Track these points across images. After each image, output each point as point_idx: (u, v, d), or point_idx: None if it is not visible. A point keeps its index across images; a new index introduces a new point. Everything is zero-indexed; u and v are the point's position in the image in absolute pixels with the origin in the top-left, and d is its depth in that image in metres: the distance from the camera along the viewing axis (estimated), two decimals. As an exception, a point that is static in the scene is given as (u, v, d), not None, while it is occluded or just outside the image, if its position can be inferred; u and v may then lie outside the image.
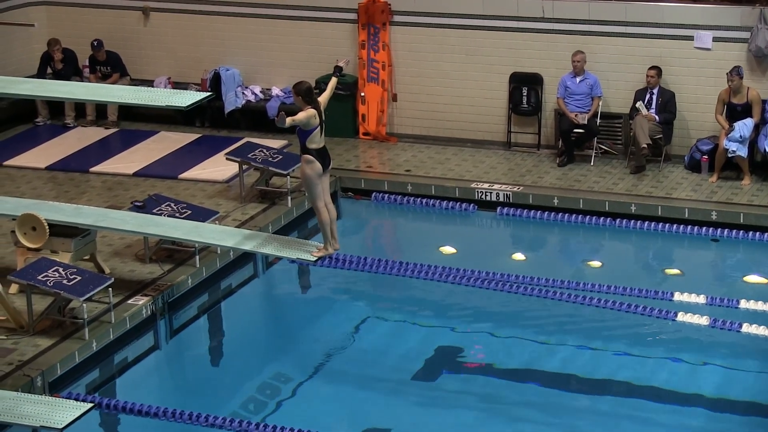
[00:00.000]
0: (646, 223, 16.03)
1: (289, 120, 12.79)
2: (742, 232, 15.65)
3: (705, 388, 12.70)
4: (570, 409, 12.43)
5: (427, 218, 16.99)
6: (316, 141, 13.05)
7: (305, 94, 13.01)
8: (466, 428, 12.20)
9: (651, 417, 12.23)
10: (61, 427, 11.07)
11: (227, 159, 16.90)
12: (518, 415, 12.44)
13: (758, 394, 12.62)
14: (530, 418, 12.37)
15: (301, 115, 12.92)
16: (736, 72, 16.66)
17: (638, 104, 17.25)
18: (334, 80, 13.63)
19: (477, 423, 12.26)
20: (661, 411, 12.31)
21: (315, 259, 13.42)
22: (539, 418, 12.35)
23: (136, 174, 17.69)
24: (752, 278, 14.96)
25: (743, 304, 13.93)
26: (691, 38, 17.33)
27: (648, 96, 17.31)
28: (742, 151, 16.64)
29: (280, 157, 16.57)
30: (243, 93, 19.43)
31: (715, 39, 17.21)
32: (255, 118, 19.33)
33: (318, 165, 13.07)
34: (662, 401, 12.45)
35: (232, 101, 19.32)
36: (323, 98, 13.31)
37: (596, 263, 15.54)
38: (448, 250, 15.97)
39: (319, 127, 13.01)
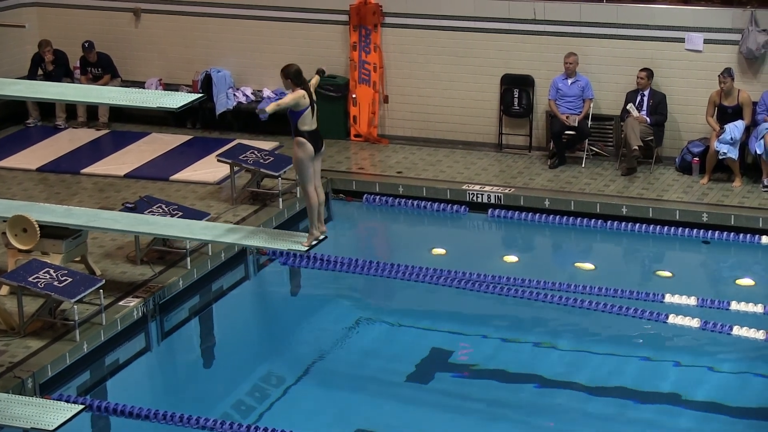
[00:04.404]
0: (638, 224, 16.05)
1: (272, 105, 12.72)
2: (732, 234, 15.68)
3: (695, 389, 12.71)
4: (560, 410, 12.43)
5: (418, 220, 16.99)
6: (308, 123, 12.93)
7: (294, 76, 12.93)
8: (457, 430, 12.20)
9: (641, 418, 12.24)
10: (52, 428, 11.06)
11: (218, 161, 16.90)
12: (509, 416, 12.44)
13: (748, 396, 12.63)
14: (521, 419, 12.37)
15: (287, 98, 12.83)
16: (727, 73, 16.69)
17: (629, 106, 17.28)
18: (317, 77, 13.56)
19: (468, 424, 12.26)
20: (652, 412, 12.32)
21: (306, 248, 13.37)
22: (530, 420, 12.35)
23: (127, 175, 17.68)
24: (743, 281, 14.98)
25: (734, 305, 13.97)
26: (682, 40, 17.35)
27: (639, 98, 17.33)
28: (733, 153, 16.67)
29: (272, 158, 16.57)
30: (234, 94, 19.42)
31: (706, 41, 17.24)
32: (246, 119, 19.32)
33: (310, 147, 12.96)
34: (653, 403, 12.46)
35: (223, 103, 19.32)
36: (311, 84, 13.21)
37: (587, 265, 15.56)
38: (439, 251, 15.98)
39: (310, 108, 12.89)
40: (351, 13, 18.84)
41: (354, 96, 18.94)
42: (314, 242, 13.44)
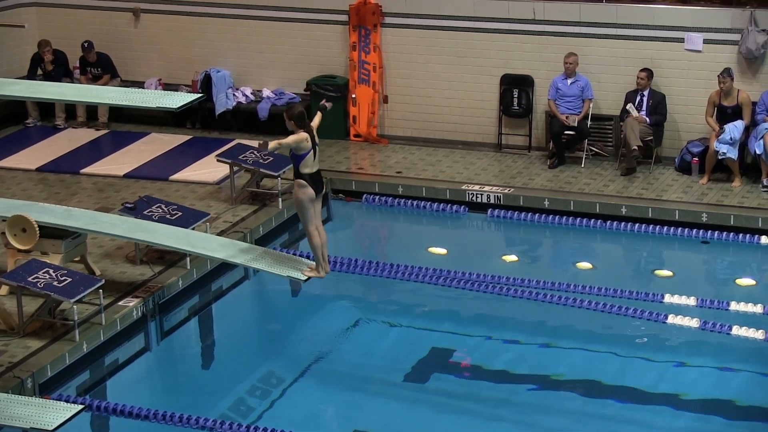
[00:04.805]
0: (637, 225, 16.06)
1: (274, 143, 12.70)
2: (732, 234, 15.68)
3: (694, 389, 12.71)
4: (559, 410, 12.43)
5: (417, 220, 16.99)
6: (310, 165, 12.92)
7: (297, 118, 12.89)
8: (455, 430, 12.20)
9: (641, 418, 12.24)
10: (51, 428, 11.06)
11: (218, 161, 16.90)
12: (508, 416, 12.44)
13: (748, 396, 12.62)
14: (520, 419, 12.37)
15: (289, 139, 12.79)
16: (727, 74, 16.69)
17: (629, 106, 17.28)
18: (319, 114, 13.46)
19: (467, 425, 12.27)
20: (651, 413, 12.32)
21: (305, 278, 13.39)
22: (529, 419, 12.35)
23: (126, 175, 17.68)
24: (743, 281, 14.98)
25: (733, 306, 13.96)
26: (681, 40, 17.35)
27: (639, 98, 17.33)
28: (733, 153, 16.67)
29: (271, 158, 16.55)
30: (234, 94, 19.42)
31: (706, 41, 17.24)
32: (246, 119, 19.32)
33: (311, 190, 12.96)
34: (652, 403, 12.46)
35: (222, 103, 19.31)
36: (313, 125, 13.16)
37: (587, 265, 15.55)
38: (438, 251, 15.97)
39: (312, 151, 12.88)
40: (350, 13, 18.84)
41: (353, 96, 18.94)
42: (315, 276, 13.44)
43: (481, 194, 16.85)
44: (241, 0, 19.38)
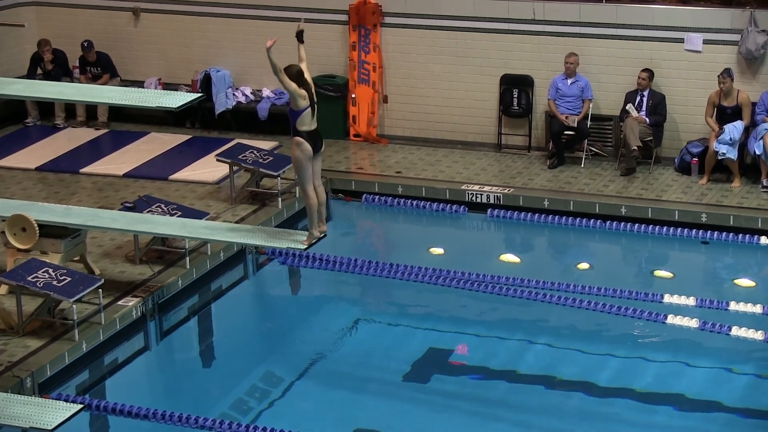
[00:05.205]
0: (637, 225, 16.06)
1: (276, 59, 12.77)
2: (731, 234, 15.68)
3: (694, 390, 12.71)
4: (559, 410, 12.43)
5: (417, 220, 16.98)
6: (307, 123, 12.99)
7: (296, 77, 13.01)
8: (455, 429, 12.20)
9: (640, 419, 12.24)
10: (51, 428, 11.06)
11: (218, 160, 16.90)
12: (507, 416, 12.44)
13: (747, 396, 12.63)
14: (519, 419, 12.37)
15: (290, 83, 12.85)
16: (727, 74, 16.69)
17: (628, 106, 17.28)
18: (301, 47, 13.53)
19: (466, 424, 12.26)
20: (650, 413, 12.33)
21: (305, 247, 13.39)
22: (528, 419, 12.35)
23: (126, 175, 17.67)
24: (742, 281, 14.99)
25: (733, 306, 13.97)
26: (681, 40, 17.35)
27: (638, 98, 17.33)
28: (732, 154, 16.67)
29: (271, 158, 16.56)
30: (234, 94, 19.41)
31: (706, 41, 17.23)
32: (245, 119, 19.32)
33: (308, 147, 12.99)
34: (651, 403, 12.46)
35: (222, 102, 19.30)
36: (303, 61, 13.22)
37: (586, 265, 15.55)
38: (438, 251, 15.97)
39: (309, 109, 12.96)
40: (350, 12, 18.84)
41: (353, 96, 18.94)
42: (314, 241, 13.47)
43: (481, 194, 16.85)
44: (241, 0, 19.37)
